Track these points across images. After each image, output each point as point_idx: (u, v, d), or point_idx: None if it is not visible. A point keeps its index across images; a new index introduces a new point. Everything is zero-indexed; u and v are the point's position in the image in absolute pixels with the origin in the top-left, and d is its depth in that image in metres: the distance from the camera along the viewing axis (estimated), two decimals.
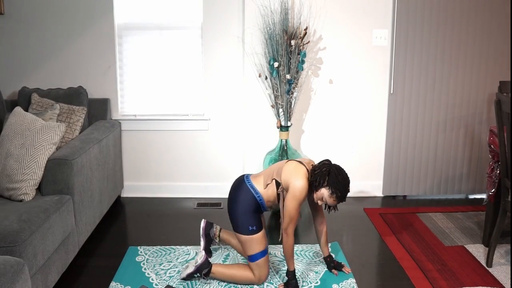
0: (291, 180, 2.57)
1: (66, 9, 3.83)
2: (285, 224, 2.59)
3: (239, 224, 2.66)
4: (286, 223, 2.58)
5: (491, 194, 3.09)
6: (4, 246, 2.18)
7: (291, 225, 2.58)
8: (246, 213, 2.65)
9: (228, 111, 4.04)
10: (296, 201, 2.55)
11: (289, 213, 2.56)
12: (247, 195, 2.67)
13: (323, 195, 2.59)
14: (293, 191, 2.55)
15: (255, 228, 2.65)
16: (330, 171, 2.58)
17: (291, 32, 3.58)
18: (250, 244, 2.66)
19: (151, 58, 3.98)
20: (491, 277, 2.84)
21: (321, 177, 2.56)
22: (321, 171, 2.57)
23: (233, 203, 2.70)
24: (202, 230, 2.94)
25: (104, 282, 2.79)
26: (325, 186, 2.57)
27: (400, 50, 3.93)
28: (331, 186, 2.56)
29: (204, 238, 2.94)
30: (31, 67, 3.92)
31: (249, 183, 2.70)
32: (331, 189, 2.56)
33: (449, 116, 4.06)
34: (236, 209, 2.67)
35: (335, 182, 2.55)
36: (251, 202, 2.67)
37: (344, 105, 4.05)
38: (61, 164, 2.81)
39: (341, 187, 2.56)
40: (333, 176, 2.57)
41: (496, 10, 3.90)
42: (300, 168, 2.61)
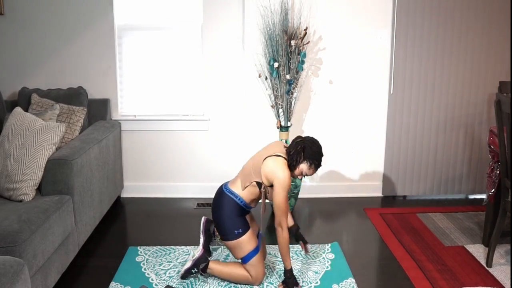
0: (274, 176, 2.58)
1: (66, 9, 3.83)
2: (278, 218, 2.58)
3: (226, 231, 2.68)
4: (279, 216, 2.58)
5: (491, 194, 3.09)
6: (4, 246, 2.18)
7: (284, 218, 2.58)
8: (231, 218, 2.67)
9: (228, 111, 4.04)
10: (285, 192, 2.57)
11: (280, 206, 2.57)
12: (229, 202, 2.69)
13: (302, 170, 2.66)
14: (279, 184, 2.56)
15: (241, 230, 2.67)
16: (305, 147, 2.64)
17: (291, 33, 3.58)
18: (240, 247, 2.67)
19: (151, 58, 3.98)
20: (491, 277, 2.84)
21: (297, 155, 2.63)
22: (296, 150, 2.63)
23: (217, 212, 2.72)
24: (202, 226, 2.94)
25: (104, 282, 2.79)
26: (302, 161, 2.64)
27: (400, 50, 3.93)
28: (308, 159, 2.64)
29: (203, 235, 2.93)
30: (31, 67, 3.92)
31: (228, 190, 2.72)
32: (309, 162, 2.64)
33: (449, 116, 4.06)
34: (220, 217, 2.69)
35: (311, 154, 2.63)
36: (234, 207, 2.68)
37: (344, 105, 4.05)
38: (61, 165, 2.81)
39: (317, 156, 2.65)
40: (308, 149, 2.63)
41: (496, 10, 3.90)
42: (278, 161, 2.63)
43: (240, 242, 2.66)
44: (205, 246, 2.92)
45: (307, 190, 4.13)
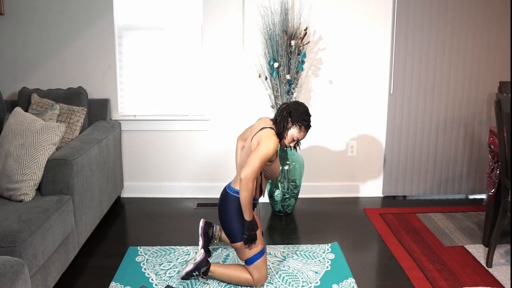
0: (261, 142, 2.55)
1: (66, 9, 3.83)
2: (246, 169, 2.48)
3: (233, 234, 2.66)
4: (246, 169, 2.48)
5: (491, 194, 3.09)
6: (4, 246, 2.18)
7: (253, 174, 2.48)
8: (238, 219, 2.64)
9: (228, 111, 4.04)
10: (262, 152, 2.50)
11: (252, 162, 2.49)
12: (233, 202, 2.66)
13: (293, 135, 2.64)
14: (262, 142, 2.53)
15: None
16: (291, 111, 2.62)
17: (291, 33, 3.58)
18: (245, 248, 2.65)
19: (151, 58, 3.98)
20: (491, 277, 2.84)
21: (284, 121, 2.61)
22: (282, 117, 2.62)
23: (224, 215, 2.70)
24: (201, 230, 2.95)
25: (104, 282, 2.79)
26: (291, 126, 2.62)
27: (400, 50, 3.93)
28: (296, 122, 2.62)
29: (202, 238, 2.94)
30: (31, 67, 3.92)
31: (232, 190, 2.70)
32: (298, 125, 2.62)
33: (449, 116, 4.06)
34: (228, 220, 2.67)
35: (298, 116, 2.61)
36: (239, 207, 2.64)
37: (344, 105, 4.05)
38: (61, 165, 2.81)
39: (305, 117, 2.63)
40: (294, 113, 2.62)
41: (496, 10, 3.90)
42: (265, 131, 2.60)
43: None
44: (204, 248, 2.92)
45: (307, 190, 4.13)
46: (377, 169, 4.18)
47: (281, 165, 3.71)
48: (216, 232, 2.97)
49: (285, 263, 3.01)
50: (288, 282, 2.79)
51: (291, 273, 2.90)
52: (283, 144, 2.69)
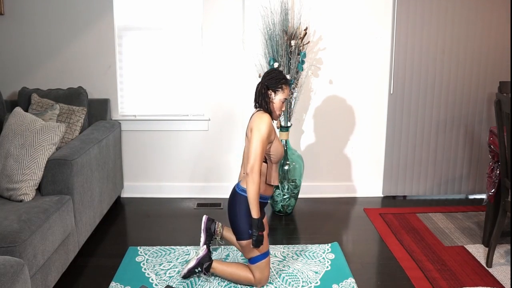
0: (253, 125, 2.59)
1: (66, 9, 3.83)
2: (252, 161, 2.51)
3: (240, 231, 2.65)
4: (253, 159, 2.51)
5: (491, 194, 3.09)
6: (4, 246, 2.18)
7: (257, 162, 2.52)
8: (245, 217, 2.63)
9: (228, 111, 4.04)
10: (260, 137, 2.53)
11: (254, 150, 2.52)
12: (241, 201, 2.66)
13: (279, 100, 2.67)
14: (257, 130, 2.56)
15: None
16: (266, 84, 2.66)
17: (291, 33, 3.58)
18: (250, 247, 2.64)
19: (151, 58, 3.98)
20: (491, 277, 2.84)
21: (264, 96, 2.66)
22: (260, 93, 2.67)
23: (232, 213, 2.69)
24: (204, 224, 2.94)
25: (104, 282, 2.79)
26: (271, 93, 2.66)
27: (400, 50, 3.93)
28: (273, 86, 2.65)
29: (204, 233, 2.93)
30: (31, 67, 3.92)
31: (240, 189, 2.70)
32: (276, 87, 2.66)
33: (449, 116, 4.06)
34: (236, 218, 2.67)
35: (274, 82, 2.65)
36: (248, 206, 2.63)
37: (344, 105, 4.05)
38: (61, 164, 2.81)
39: (278, 76, 2.66)
40: (270, 82, 2.65)
41: (496, 10, 3.90)
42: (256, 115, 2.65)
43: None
44: (205, 245, 2.92)
45: (307, 190, 4.13)
46: (377, 169, 4.18)
47: (281, 165, 3.71)
48: (218, 228, 2.97)
49: (285, 263, 3.01)
50: (288, 282, 2.79)
51: (291, 273, 2.90)
52: (275, 116, 2.71)
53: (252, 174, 2.52)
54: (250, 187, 2.53)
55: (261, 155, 2.54)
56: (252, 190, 2.53)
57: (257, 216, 2.56)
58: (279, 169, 3.69)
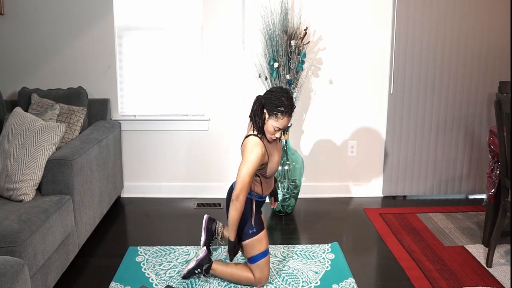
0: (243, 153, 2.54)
1: (66, 9, 3.83)
2: (237, 190, 2.49)
3: (240, 233, 2.66)
4: (239, 189, 2.49)
5: (491, 194, 3.09)
6: (4, 246, 2.18)
7: (243, 192, 2.50)
8: (245, 217, 2.65)
9: (228, 111, 4.04)
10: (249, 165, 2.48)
11: (242, 179, 2.49)
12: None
13: (273, 126, 2.48)
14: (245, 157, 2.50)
15: (255, 230, 2.66)
16: (262, 102, 2.49)
17: (291, 33, 3.58)
18: (251, 246, 2.65)
19: (151, 58, 3.98)
20: (491, 277, 2.84)
21: (258, 116, 2.49)
22: (255, 112, 2.50)
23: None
24: (204, 224, 2.94)
25: (104, 282, 2.79)
26: (268, 118, 2.48)
27: (400, 50, 3.93)
28: (271, 111, 2.45)
29: (205, 233, 2.93)
30: (31, 67, 3.92)
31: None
32: (273, 113, 2.45)
33: (449, 116, 4.06)
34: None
35: (271, 104, 2.45)
36: (247, 205, 2.65)
37: (344, 105, 4.05)
38: (61, 165, 2.81)
39: (279, 102, 2.43)
40: (267, 102, 2.47)
41: (496, 10, 3.90)
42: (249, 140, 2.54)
43: (253, 241, 2.65)
44: (206, 244, 2.92)
45: (307, 190, 4.13)
46: (377, 169, 4.18)
47: (281, 165, 3.71)
48: (219, 228, 2.97)
49: (285, 263, 3.01)
50: (288, 282, 2.79)
51: (291, 273, 2.90)
52: (269, 138, 2.57)
53: (236, 202, 2.52)
54: (231, 213, 2.54)
55: (248, 185, 2.50)
56: (233, 216, 2.54)
57: (233, 238, 2.60)
58: (280, 167, 3.69)
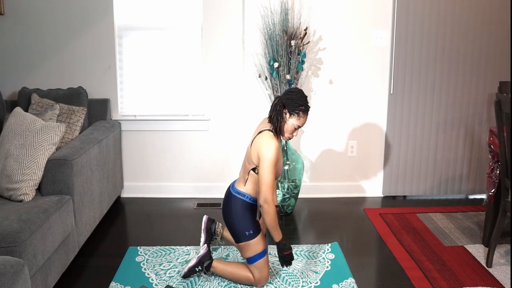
0: (260, 151, 2.51)
1: (66, 9, 3.83)
2: (263, 193, 2.48)
3: (236, 233, 2.66)
4: (264, 191, 2.48)
5: (491, 194, 3.09)
6: (4, 246, 2.18)
7: (269, 192, 2.49)
8: (242, 220, 2.65)
9: (228, 111, 4.04)
10: (270, 163, 2.47)
11: (265, 180, 2.48)
12: (236, 203, 2.67)
13: (293, 124, 2.55)
14: (263, 155, 2.49)
15: (252, 231, 2.65)
16: (284, 101, 2.53)
17: (291, 33, 3.58)
18: (248, 248, 2.66)
19: (151, 58, 3.98)
20: (491, 277, 2.84)
21: (280, 115, 2.53)
22: (277, 111, 2.53)
23: (227, 215, 2.70)
24: (204, 224, 2.94)
25: (104, 282, 2.79)
26: (289, 117, 2.54)
27: (400, 50, 3.93)
28: (293, 110, 2.52)
29: (204, 233, 2.94)
30: (31, 67, 3.92)
31: (234, 191, 2.70)
32: (295, 112, 2.52)
33: (449, 116, 4.06)
34: (231, 220, 2.67)
35: (293, 104, 2.51)
36: (244, 208, 2.66)
37: (344, 105, 4.05)
38: (61, 165, 2.81)
39: (300, 102, 2.52)
40: (288, 102, 2.52)
41: (496, 10, 3.90)
42: (263, 135, 2.55)
43: (250, 244, 2.65)
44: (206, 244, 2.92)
45: (307, 190, 4.13)
46: (377, 169, 4.18)
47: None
48: (218, 229, 2.97)
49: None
50: (288, 282, 2.79)
51: (291, 273, 2.90)
52: (285, 138, 2.61)
53: (266, 206, 2.50)
54: (266, 218, 2.53)
55: (272, 184, 2.50)
56: (269, 220, 2.53)
57: (279, 239, 2.58)
58: None
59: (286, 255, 2.59)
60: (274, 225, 2.55)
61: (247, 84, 3.96)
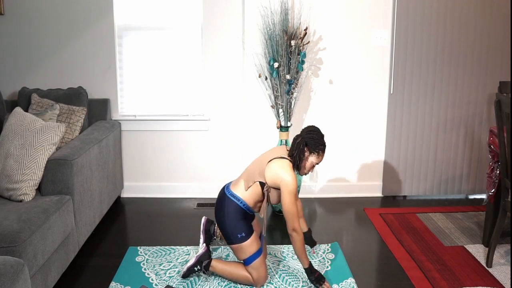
0: (280, 177, 2.57)
1: (66, 9, 3.83)
2: (290, 222, 2.56)
3: (229, 235, 2.66)
4: (290, 220, 2.56)
5: (491, 194, 3.09)
6: (4, 246, 2.18)
7: (296, 221, 2.56)
8: (233, 222, 2.65)
9: (228, 111, 4.04)
10: (292, 195, 2.56)
11: (289, 210, 2.55)
12: (230, 205, 2.67)
13: (312, 162, 2.66)
14: (286, 187, 2.55)
15: (244, 234, 2.65)
16: (306, 141, 2.62)
17: (291, 33, 3.58)
18: (242, 250, 2.66)
19: (151, 58, 3.98)
20: (491, 277, 2.84)
21: (301, 153, 2.62)
22: (299, 150, 2.61)
23: (219, 216, 2.70)
24: (203, 226, 2.94)
25: (104, 282, 2.79)
26: (309, 155, 2.64)
27: (400, 50, 3.93)
28: (313, 150, 2.62)
29: (203, 234, 2.94)
30: (31, 67, 3.92)
31: (229, 193, 2.70)
32: (315, 151, 2.63)
33: (449, 116, 4.06)
34: (223, 222, 2.67)
35: (314, 144, 2.62)
36: (237, 211, 2.66)
37: (344, 105, 4.05)
38: (61, 165, 2.81)
39: (320, 141, 2.64)
40: (310, 142, 2.62)
41: (496, 10, 3.90)
42: (282, 162, 2.61)
43: (243, 246, 2.65)
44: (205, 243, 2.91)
45: (307, 190, 4.13)
46: (377, 169, 4.18)
47: None
48: (217, 230, 2.98)
49: (285, 263, 3.01)
50: (288, 282, 2.79)
51: (291, 273, 2.90)
52: (302, 173, 2.70)
53: (293, 234, 2.57)
54: (295, 246, 2.59)
55: (296, 213, 2.57)
56: (298, 248, 2.59)
57: (307, 265, 2.62)
58: None
59: (317, 277, 2.64)
60: (302, 252, 2.60)
61: (247, 84, 3.96)
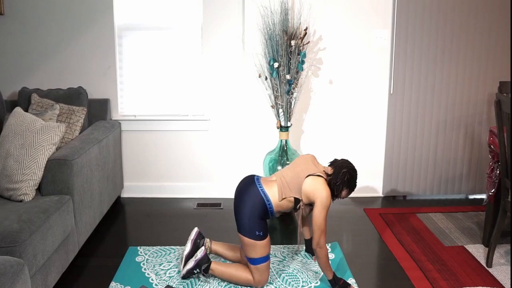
0: (316, 195, 2.62)
1: (66, 9, 3.83)
2: (317, 237, 2.60)
3: (245, 228, 2.61)
4: (318, 235, 2.60)
5: (491, 194, 3.09)
6: (4, 246, 2.18)
7: (323, 236, 2.61)
8: (254, 217, 2.60)
9: (228, 111, 4.04)
10: (326, 211, 2.63)
11: (320, 226, 2.60)
12: (257, 200, 2.62)
13: (342, 195, 2.79)
14: (321, 203, 2.61)
15: (261, 233, 2.61)
16: (350, 177, 2.73)
17: (291, 33, 3.58)
18: (253, 248, 2.62)
19: (151, 58, 3.98)
20: (491, 277, 2.84)
21: (343, 185, 2.72)
22: (342, 181, 2.71)
23: (241, 205, 2.63)
24: (194, 235, 2.89)
25: (104, 282, 2.79)
26: (344, 188, 2.75)
27: (400, 50, 3.93)
28: (351, 186, 2.77)
29: (191, 244, 2.86)
30: (31, 67, 3.92)
31: (261, 188, 2.65)
32: (349, 188, 2.77)
33: (449, 116, 4.06)
34: (244, 212, 2.61)
35: (353, 181, 2.77)
36: (260, 208, 2.62)
37: (344, 105, 4.05)
38: (61, 165, 2.81)
39: (355, 182, 2.80)
40: (351, 180, 2.75)
41: (496, 10, 3.90)
42: (319, 180, 2.66)
43: (256, 245, 2.61)
44: (188, 256, 2.85)
45: None
46: (377, 169, 4.18)
47: (281, 165, 3.71)
48: (207, 243, 2.95)
49: (285, 263, 3.01)
50: (288, 282, 2.79)
51: (291, 273, 2.90)
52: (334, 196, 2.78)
53: (319, 250, 2.62)
54: (319, 262, 2.65)
55: (325, 228, 2.63)
56: (322, 263, 2.64)
57: (331, 276, 2.67)
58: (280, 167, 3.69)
59: (342, 285, 2.66)
60: (326, 267, 2.65)
61: (247, 84, 3.96)
